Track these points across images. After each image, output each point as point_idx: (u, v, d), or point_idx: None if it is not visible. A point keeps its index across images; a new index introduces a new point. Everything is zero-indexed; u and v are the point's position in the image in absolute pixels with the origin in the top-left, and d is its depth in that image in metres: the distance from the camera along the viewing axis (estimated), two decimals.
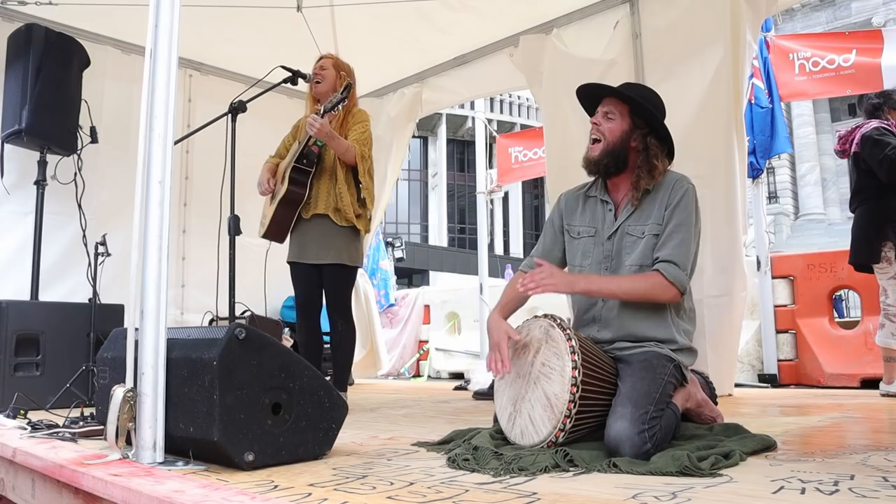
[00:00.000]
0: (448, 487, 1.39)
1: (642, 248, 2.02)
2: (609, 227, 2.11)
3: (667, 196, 2.03)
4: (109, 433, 1.65)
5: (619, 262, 2.06)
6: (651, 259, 2.00)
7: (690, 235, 2.01)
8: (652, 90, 2.23)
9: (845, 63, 4.94)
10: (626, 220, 2.08)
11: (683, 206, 2.01)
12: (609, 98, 2.12)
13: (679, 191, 2.03)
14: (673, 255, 1.96)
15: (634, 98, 2.08)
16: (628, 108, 2.08)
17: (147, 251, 1.68)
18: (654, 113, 2.08)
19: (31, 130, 3.61)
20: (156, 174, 1.72)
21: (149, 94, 1.76)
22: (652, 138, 2.07)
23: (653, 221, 2.03)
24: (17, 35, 3.76)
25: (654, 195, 2.06)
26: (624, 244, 2.06)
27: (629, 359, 1.97)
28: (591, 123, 2.13)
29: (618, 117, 2.08)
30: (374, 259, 7.44)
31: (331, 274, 3.35)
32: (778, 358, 4.75)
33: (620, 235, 2.08)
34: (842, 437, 2.24)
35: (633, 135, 2.07)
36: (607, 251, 2.09)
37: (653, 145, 2.06)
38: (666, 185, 2.05)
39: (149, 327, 1.65)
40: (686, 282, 1.98)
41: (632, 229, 2.06)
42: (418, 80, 5.35)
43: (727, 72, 3.62)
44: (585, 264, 2.12)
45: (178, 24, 1.80)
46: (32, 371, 3.22)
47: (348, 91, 3.21)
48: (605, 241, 2.10)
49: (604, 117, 2.10)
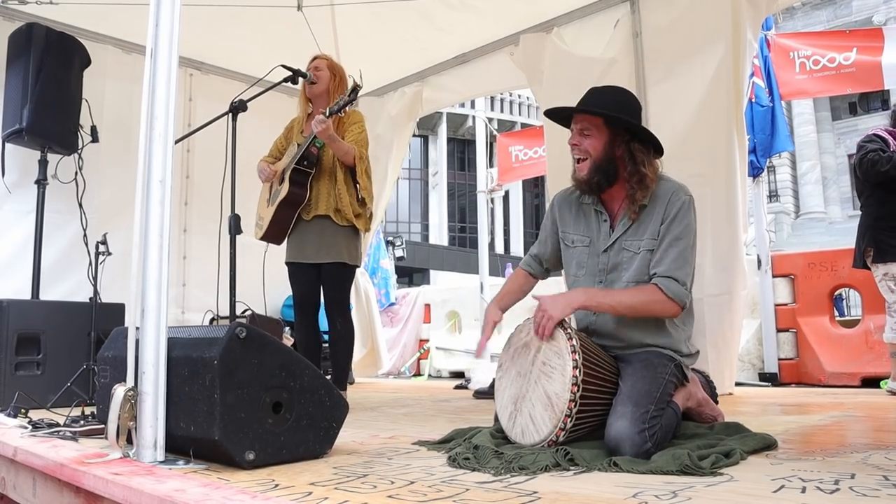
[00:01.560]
0: (449, 486, 1.39)
1: (639, 263, 1.99)
2: (605, 239, 2.07)
3: (663, 209, 1.99)
4: (110, 432, 1.65)
5: (617, 276, 2.03)
6: (647, 275, 1.97)
7: (688, 248, 1.96)
8: (622, 90, 2.15)
9: (846, 61, 4.93)
10: (623, 234, 2.04)
11: (680, 220, 1.97)
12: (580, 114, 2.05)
13: (676, 203, 1.98)
14: (670, 271, 1.92)
15: (605, 113, 2.01)
16: (602, 119, 2.01)
17: (148, 250, 1.69)
18: (629, 120, 2.02)
19: (32, 129, 3.61)
20: (156, 173, 1.72)
21: (149, 93, 1.76)
22: (635, 143, 2.00)
23: (648, 237, 1.99)
24: (18, 34, 3.76)
25: (651, 208, 2.01)
26: (621, 259, 2.03)
27: (630, 358, 1.97)
28: (569, 144, 2.06)
29: (594, 131, 2.02)
30: (375, 258, 7.44)
31: (330, 272, 3.35)
32: (778, 357, 4.75)
33: (617, 250, 2.04)
34: (842, 435, 2.24)
35: (616, 144, 2.00)
36: (602, 264, 2.06)
37: (637, 150, 1.99)
38: (662, 197, 2.00)
39: (150, 326, 1.65)
40: (685, 297, 1.93)
41: (629, 244, 2.02)
42: (419, 79, 5.34)
43: (728, 70, 3.62)
44: (580, 274, 2.10)
45: (178, 24, 1.80)
46: (33, 370, 3.22)
47: (356, 94, 3.19)
48: (600, 254, 2.07)
49: (580, 134, 2.03)
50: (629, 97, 2.12)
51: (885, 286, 3.53)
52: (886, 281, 3.51)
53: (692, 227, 1.99)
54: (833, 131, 27.61)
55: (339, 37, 4.74)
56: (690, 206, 2.00)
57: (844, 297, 9.63)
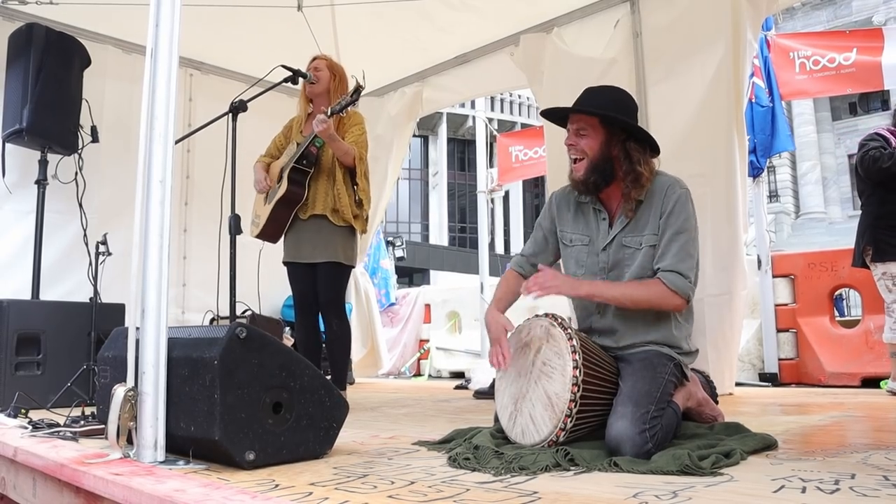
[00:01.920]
0: (449, 486, 1.39)
1: (641, 259, 1.99)
2: (604, 237, 2.07)
3: (660, 204, 1.99)
4: (110, 432, 1.65)
5: (620, 273, 2.03)
6: (651, 270, 1.97)
7: (690, 241, 1.96)
8: (618, 89, 2.14)
9: (846, 62, 4.93)
10: (621, 231, 2.04)
11: (678, 213, 1.96)
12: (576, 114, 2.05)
13: (672, 197, 1.98)
14: (673, 265, 1.92)
15: (600, 113, 2.01)
16: (598, 119, 2.01)
17: (148, 250, 1.69)
18: (625, 119, 2.01)
19: (32, 130, 3.61)
20: (156, 173, 1.72)
21: (149, 93, 1.76)
22: (631, 142, 2.00)
23: (649, 232, 1.99)
24: (18, 34, 3.76)
25: (648, 204, 2.01)
26: (623, 256, 2.03)
27: (630, 358, 1.97)
28: (566, 145, 2.06)
29: (590, 131, 2.01)
30: (375, 258, 7.43)
31: (325, 272, 3.35)
32: (779, 357, 4.75)
33: (617, 247, 2.04)
34: (843, 435, 2.24)
35: (612, 143, 2.00)
36: (603, 262, 2.06)
37: (633, 150, 1.99)
38: (658, 192, 2.00)
39: (150, 326, 1.65)
40: (689, 290, 1.93)
41: (629, 241, 2.02)
42: (419, 79, 5.35)
43: (728, 71, 3.62)
44: (580, 273, 2.10)
45: (178, 24, 1.80)
46: (33, 370, 3.22)
47: (359, 95, 3.18)
48: (599, 252, 2.07)
49: (576, 134, 2.03)
50: (625, 96, 2.11)
51: (883, 285, 3.54)
52: (885, 280, 3.53)
53: (692, 219, 1.99)
54: (833, 131, 27.61)
55: (339, 37, 4.74)
56: (688, 199, 2.00)
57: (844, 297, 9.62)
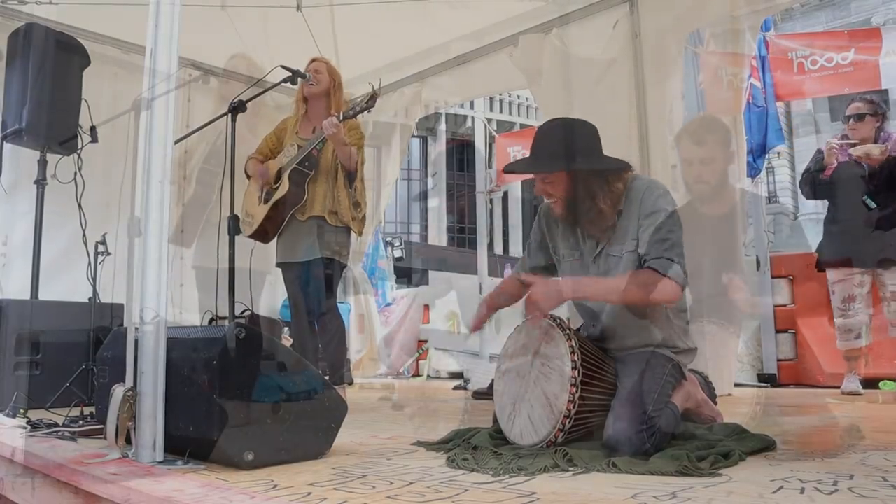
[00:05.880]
0: (447, 487, 1.39)
1: (625, 265, 1.97)
2: (591, 251, 2.08)
3: (638, 208, 1.98)
4: (109, 432, 1.65)
5: None
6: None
7: (673, 232, 1.92)
8: (570, 124, 2.10)
9: (844, 61, 4.94)
10: (607, 243, 2.04)
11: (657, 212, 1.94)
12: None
13: (649, 199, 1.97)
14: (660, 252, 1.89)
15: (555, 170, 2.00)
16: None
17: (147, 250, 1.69)
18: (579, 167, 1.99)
19: (31, 129, 3.60)
20: (156, 173, 1.72)
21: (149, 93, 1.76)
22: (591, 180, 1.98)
23: (630, 237, 1.99)
24: (18, 34, 3.75)
25: (627, 212, 2.00)
26: (609, 266, 2.02)
27: (628, 359, 1.97)
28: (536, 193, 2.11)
29: (553, 178, 2.02)
30: (373, 258, 7.43)
31: (317, 269, 3.35)
32: (777, 358, 4.75)
33: (605, 259, 2.04)
34: (841, 436, 2.24)
35: (577, 182, 1.99)
36: (594, 274, 2.06)
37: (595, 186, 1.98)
38: (635, 199, 1.99)
39: (148, 326, 1.65)
40: (682, 276, 1.88)
41: (613, 250, 2.02)
42: (418, 80, 5.34)
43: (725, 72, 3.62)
44: None
45: (178, 24, 1.80)
46: (32, 370, 3.21)
47: (374, 101, 3.15)
48: (590, 265, 2.08)
49: (543, 182, 2.05)
50: (580, 130, 2.08)
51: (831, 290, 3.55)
52: (830, 285, 3.53)
53: (673, 215, 1.96)
54: (832, 132, 27.59)
55: (338, 37, 4.74)
56: (664, 195, 1.99)
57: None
